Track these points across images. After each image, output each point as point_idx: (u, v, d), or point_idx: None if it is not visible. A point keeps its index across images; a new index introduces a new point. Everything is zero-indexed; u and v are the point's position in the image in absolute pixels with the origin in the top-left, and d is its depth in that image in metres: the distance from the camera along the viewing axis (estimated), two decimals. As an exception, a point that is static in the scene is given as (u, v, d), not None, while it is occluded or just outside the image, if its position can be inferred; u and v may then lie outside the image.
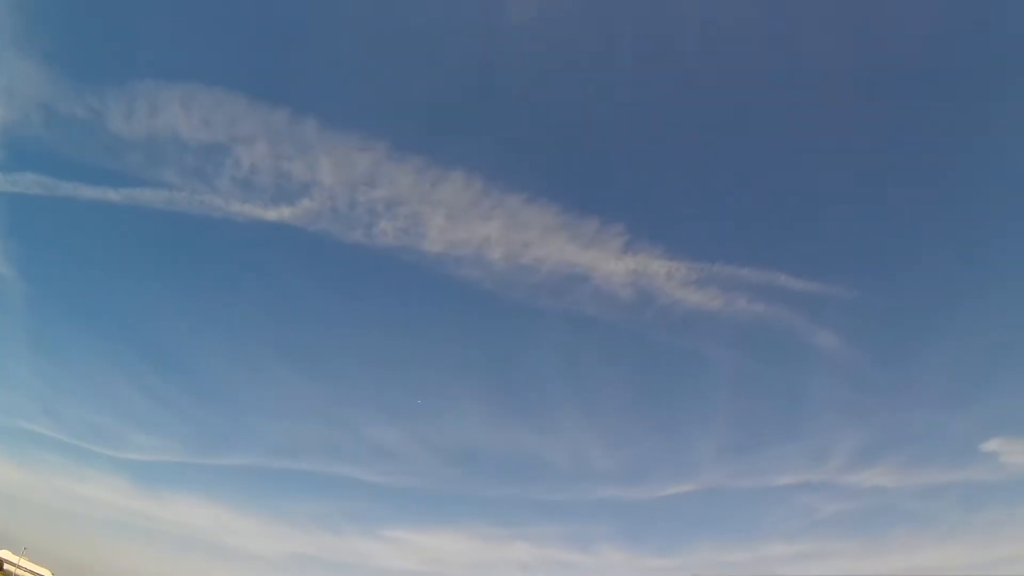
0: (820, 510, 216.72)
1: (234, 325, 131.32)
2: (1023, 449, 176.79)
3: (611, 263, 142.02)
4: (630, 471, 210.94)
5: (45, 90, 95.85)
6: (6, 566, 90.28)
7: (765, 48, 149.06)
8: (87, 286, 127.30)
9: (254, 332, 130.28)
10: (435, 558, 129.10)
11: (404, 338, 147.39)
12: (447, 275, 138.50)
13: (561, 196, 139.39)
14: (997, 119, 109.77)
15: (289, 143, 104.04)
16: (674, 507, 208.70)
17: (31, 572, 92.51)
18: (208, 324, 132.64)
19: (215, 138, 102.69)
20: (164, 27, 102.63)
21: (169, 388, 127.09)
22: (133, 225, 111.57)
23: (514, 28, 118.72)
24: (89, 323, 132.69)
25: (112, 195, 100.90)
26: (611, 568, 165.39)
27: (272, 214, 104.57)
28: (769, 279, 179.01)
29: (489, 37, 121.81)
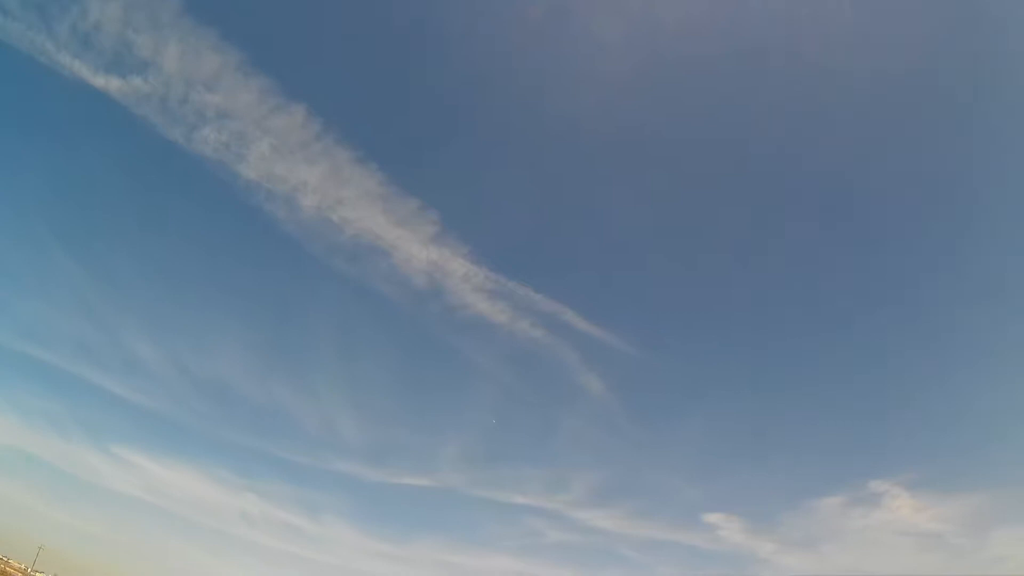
0: (546, 536, 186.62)
1: (7, 180, 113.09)
2: (739, 526, 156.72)
3: (415, 247, 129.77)
4: (375, 452, 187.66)
5: None
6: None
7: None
8: None
9: (31, 200, 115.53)
10: (162, 490, 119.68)
11: (191, 255, 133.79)
12: (253, 206, 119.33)
13: (391, 167, 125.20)
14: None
15: (144, 14, 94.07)
16: (409, 497, 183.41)
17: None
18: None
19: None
20: None
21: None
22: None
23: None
24: None
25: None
26: (334, 541, 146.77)
27: (100, 81, 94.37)
28: (557, 311, 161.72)
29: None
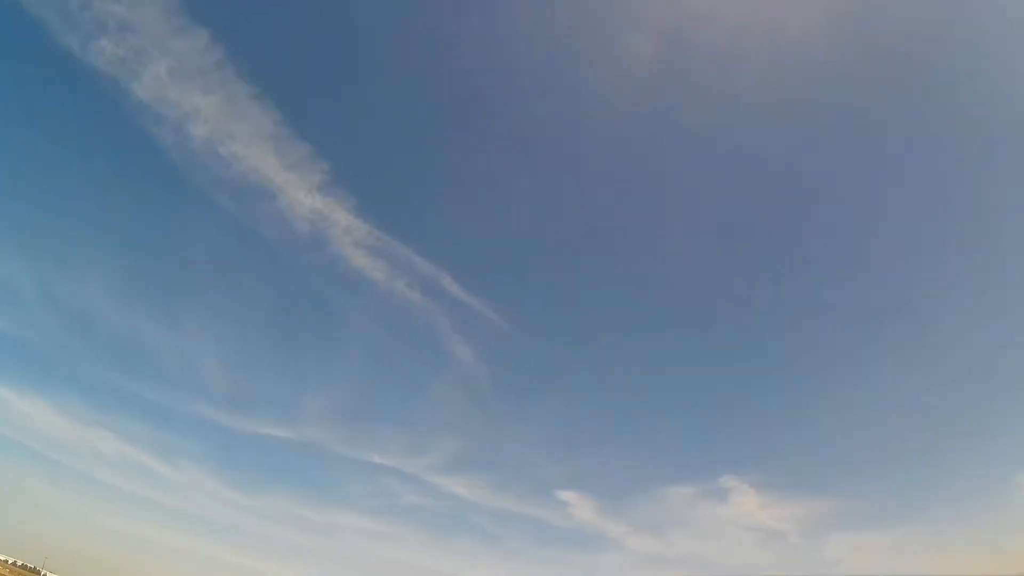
0: (403, 498, 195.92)
1: None
2: (591, 506, 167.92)
3: (302, 194, 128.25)
4: (238, 399, 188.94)
5: None
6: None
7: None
8: None
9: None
10: (9, 419, 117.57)
11: (66, 170, 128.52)
12: (140, 128, 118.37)
13: (288, 109, 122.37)
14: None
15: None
16: (268, 448, 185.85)
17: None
18: None
19: None
20: None
21: None
22: None
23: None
24: None
25: None
26: (188, 486, 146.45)
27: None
28: (436, 276, 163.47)
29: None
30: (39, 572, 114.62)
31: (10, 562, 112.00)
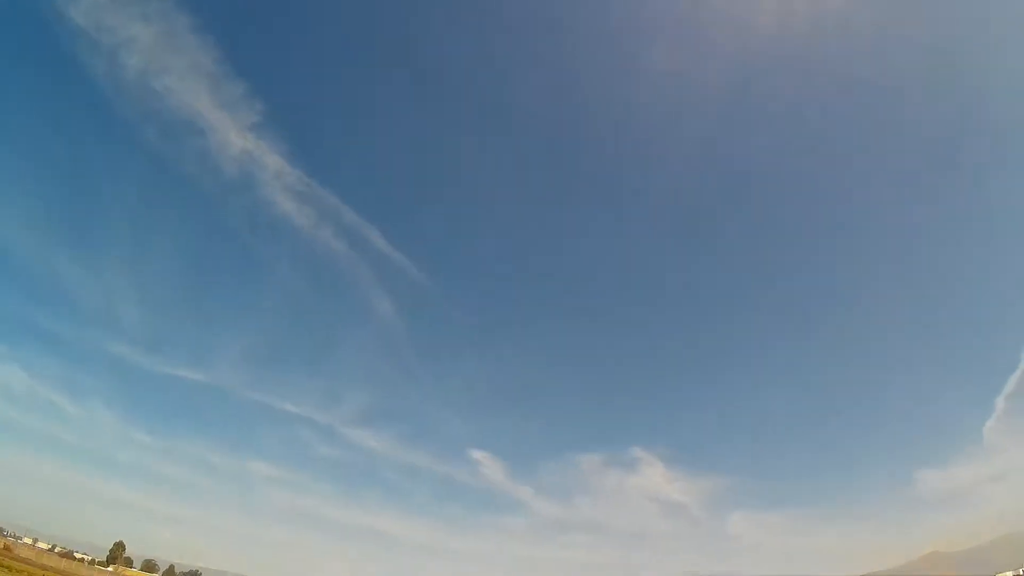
0: (314, 448, 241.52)
1: None
2: (501, 466, 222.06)
3: (233, 134, 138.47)
4: (152, 338, 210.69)
5: None
6: None
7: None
8: None
9: None
10: None
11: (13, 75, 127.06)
12: (71, 54, 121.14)
13: (228, 45, 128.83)
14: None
15: None
16: (181, 390, 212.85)
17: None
18: None
19: None
20: None
21: None
22: None
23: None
24: None
25: None
26: (96, 425, 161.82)
27: None
28: (362, 227, 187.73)
29: None
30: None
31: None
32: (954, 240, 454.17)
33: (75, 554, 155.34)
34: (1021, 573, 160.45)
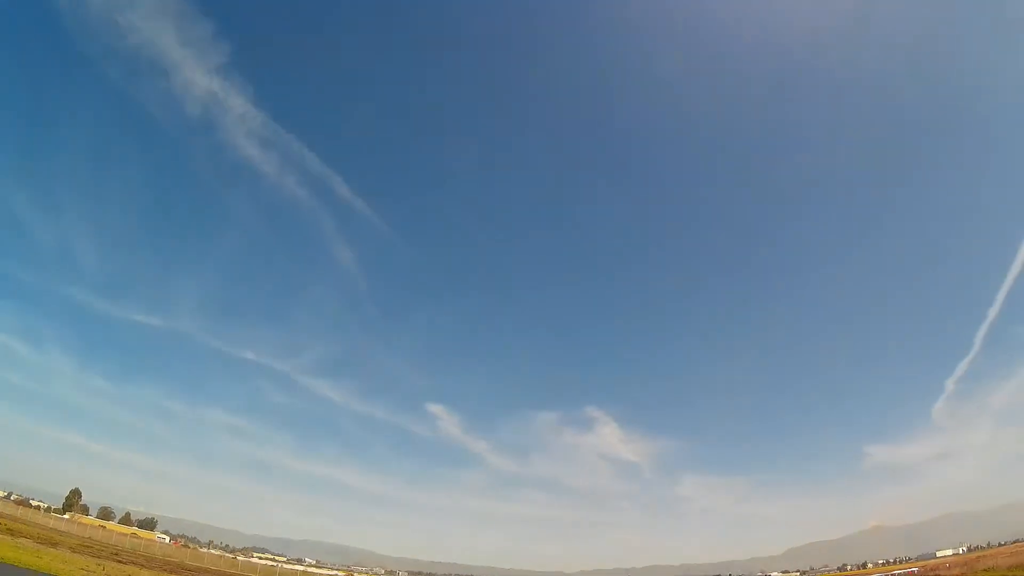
0: (271, 397, 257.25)
1: None
2: (458, 421, 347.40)
3: (199, 75, 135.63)
4: (111, 282, 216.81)
5: None
6: None
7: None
8: None
9: None
10: None
11: None
12: None
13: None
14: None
15: None
16: (139, 335, 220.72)
17: None
18: None
19: None
20: None
21: None
22: None
23: None
24: None
25: None
26: (53, 372, 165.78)
27: None
28: (327, 175, 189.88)
29: None
30: None
31: None
32: (917, 229, 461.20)
33: (31, 502, 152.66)
34: (962, 552, 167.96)
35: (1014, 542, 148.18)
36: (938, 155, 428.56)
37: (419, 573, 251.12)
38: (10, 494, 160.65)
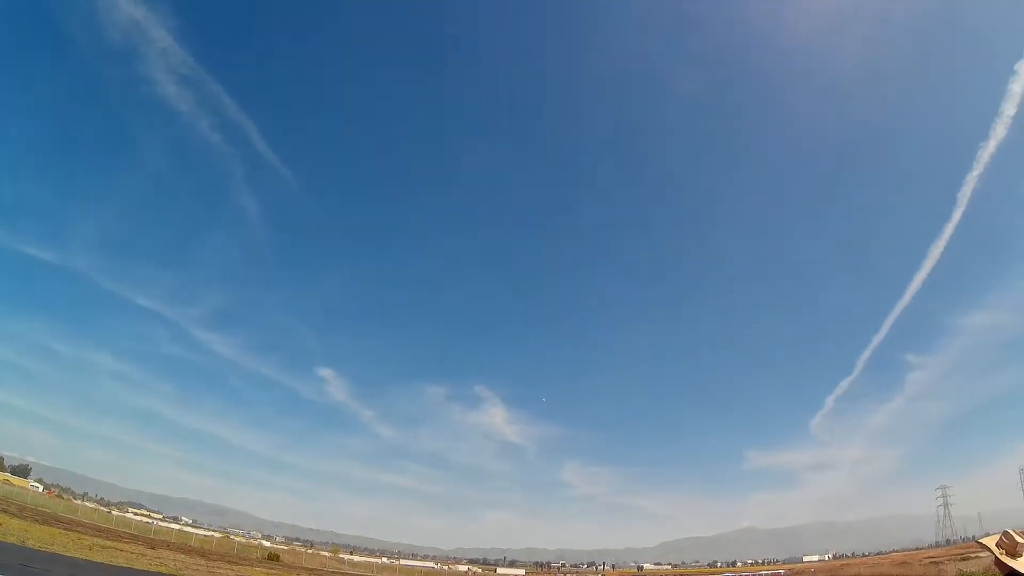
0: (161, 346, 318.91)
1: None
2: (345, 386, 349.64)
3: (124, 1, 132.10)
4: (7, 208, 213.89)
5: None
6: None
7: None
8: None
9: None
10: None
11: None
12: None
13: None
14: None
15: None
16: (28, 270, 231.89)
17: None
18: None
19: None
20: None
21: None
22: None
23: None
24: None
25: None
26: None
27: None
28: (243, 123, 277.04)
29: None
30: None
31: None
32: (816, 257, 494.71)
33: None
34: (827, 558, 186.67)
35: (876, 553, 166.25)
36: (846, 186, 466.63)
37: (296, 539, 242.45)
38: None
